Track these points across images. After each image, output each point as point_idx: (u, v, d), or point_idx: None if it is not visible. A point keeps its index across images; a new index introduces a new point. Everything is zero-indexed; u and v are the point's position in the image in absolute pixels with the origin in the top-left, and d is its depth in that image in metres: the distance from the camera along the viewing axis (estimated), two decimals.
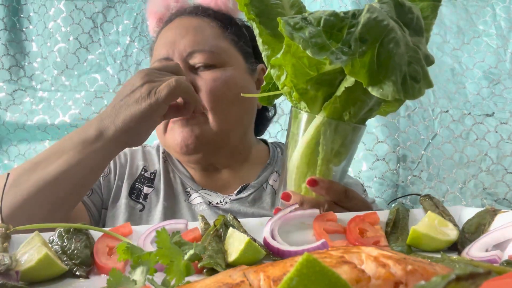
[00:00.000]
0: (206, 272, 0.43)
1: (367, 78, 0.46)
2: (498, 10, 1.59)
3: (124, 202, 0.81)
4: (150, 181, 0.84)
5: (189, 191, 0.83)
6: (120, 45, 1.63)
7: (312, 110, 0.56)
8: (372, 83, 0.46)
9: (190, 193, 0.83)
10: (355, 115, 0.55)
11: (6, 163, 1.59)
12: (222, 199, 0.82)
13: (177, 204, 0.82)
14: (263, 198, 0.83)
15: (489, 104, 1.49)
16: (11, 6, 1.64)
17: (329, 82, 0.54)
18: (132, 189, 0.83)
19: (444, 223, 0.50)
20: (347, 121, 0.55)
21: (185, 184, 0.84)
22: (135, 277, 0.36)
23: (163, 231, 0.37)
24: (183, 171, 0.86)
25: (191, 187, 0.84)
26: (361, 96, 0.53)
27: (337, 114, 0.55)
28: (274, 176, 0.86)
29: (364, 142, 1.41)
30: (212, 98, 0.75)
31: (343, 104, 0.54)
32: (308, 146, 0.56)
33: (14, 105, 1.60)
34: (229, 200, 0.82)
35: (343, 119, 0.55)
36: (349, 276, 0.26)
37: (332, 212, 0.53)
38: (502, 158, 1.42)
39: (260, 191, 0.84)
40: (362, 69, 0.46)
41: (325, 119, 0.55)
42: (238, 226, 0.51)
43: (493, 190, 1.40)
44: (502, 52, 1.55)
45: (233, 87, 0.77)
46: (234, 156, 0.85)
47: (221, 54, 0.78)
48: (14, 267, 0.40)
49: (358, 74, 0.46)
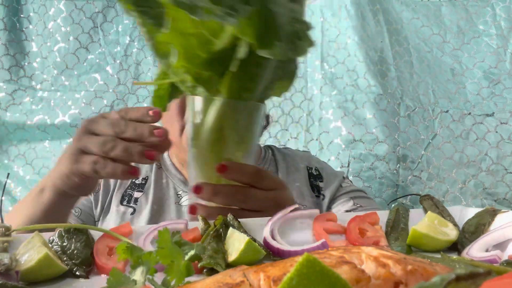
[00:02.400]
0: (206, 272, 0.43)
1: (257, 40, 0.46)
2: (498, 10, 1.59)
3: (116, 210, 0.85)
4: (141, 186, 0.89)
5: (181, 193, 0.88)
6: (120, 45, 1.63)
7: (210, 92, 0.54)
8: (262, 46, 0.46)
9: (181, 195, 0.87)
10: (253, 92, 0.54)
11: (6, 163, 1.59)
12: None
13: (167, 206, 0.86)
14: None
15: (489, 104, 1.49)
16: (11, 6, 1.64)
17: (222, 61, 0.52)
18: (123, 197, 0.87)
19: (444, 223, 0.50)
20: (246, 99, 0.54)
21: (177, 188, 0.89)
22: (135, 277, 0.36)
23: (165, 231, 0.36)
24: (177, 175, 0.90)
25: (182, 190, 0.88)
26: (255, 69, 0.52)
27: (235, 93, 0.53)
28: None
29: (364, 142, 1.41)
30: None
31: (239, 81, 0.52)
32: (211, 132, 0.54)
33: (14, 105, 1.60)
34: None
35: (243, 99, 0.53)
36: (349, 276, 0.26)
37: (332, 212, 0.53)
38: (502, 158, 1.42)
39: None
40: (250, 28, 0.45)
41: (224, 100, 0.53)
42: (238, 226, 0.51)
43: (493, 190, 1.40)
44: (502, 52, 1.55)
45: None
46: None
47: None
48: (14, 267, 0.40)
49: (248, 35, 0.46)
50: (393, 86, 1.51)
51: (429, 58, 1.58)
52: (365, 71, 1.51)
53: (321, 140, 1.53)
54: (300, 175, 0.90)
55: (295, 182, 0.88)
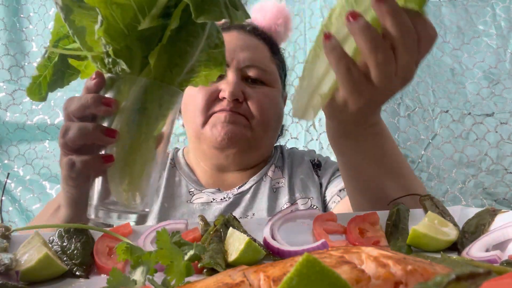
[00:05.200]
0: (206, 272, 0.43)
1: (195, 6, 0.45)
2: (498, 10, 1.59)
3: None
4: None
5: (193, 191, 0.89)
6: None
7: (133, 71, 0.49)
8: (200, 13, 0.45)
9: (194, 193, 0.89)
10: (181, 68, 0.51)
11: (6, 163, 1.59)
12: (226, 195, 0.88)
13: (178, 204, 0.87)
14: (262, 188, 0.90)
15: (489, 104, 1.49)
16: (11, 6, 1.64)
17: (148, 39, 0.48)
18: None
19: (444, 223, 0.50)
20: (171, 81, 0.50)
21: (189, 186, 0.90)
22: (135, 277, 0.36)
23: (164, 231, 0.37)
24: (190, 174, 0.93)
25: (195, 187, 0.90)
26: (184, 46, 0.50)
27: (160, 74, 0.49)
28: (272, 167, 0.94)
29: None
30: (259, 109, 0.85)
31: (168, 57, 0.49)
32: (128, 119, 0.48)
33: (14, 105, 1.60)
34: (232, 195, 0.88)
35: (167, 81, 0.50)
36: (349, 276, 0.26)
37: (332, 212, 0.53)
38: (502, 158, 1.42)
39: (260, 183, 0.91)
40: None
41: (147, 80, 0.48)
42: (238, 226, 0.51)
43: (493, 190, 1.40)
44: (502, 52, 1.55)
45: (275, 105, 0.90)
46: (257, 159, 0.93)
47: (271, 74, 0.90)
48: (14, 267, 0.40)
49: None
50: None
51: (429, 58, 1.58)
52: None
53: (321, 140, 1.53)
54: (305, 167, 0.94)
55: (300, 174, 0.92)
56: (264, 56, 0.90)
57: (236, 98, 0.82)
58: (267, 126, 0.88)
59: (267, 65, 0.90)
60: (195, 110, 0.85)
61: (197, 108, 0.84)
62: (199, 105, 0.84)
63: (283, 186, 0.90)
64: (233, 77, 0.83)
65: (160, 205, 0.86)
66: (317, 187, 0.90)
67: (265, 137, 0.89)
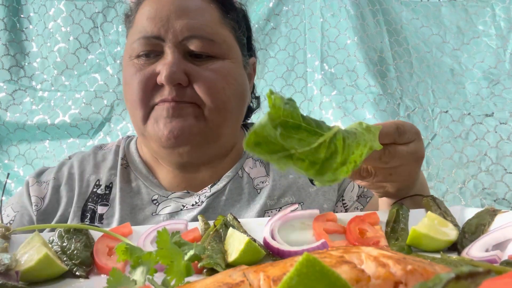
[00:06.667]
0: (206, 272, 0.43)
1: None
2: (497, 11, 1.59)
3: None
4: (105, 197, 0.72)
5: (157, 199, 0.73)
6: (120, 45, 1.63)
7: None
8: None
9: (159, 201, 0.72)
10: None
11: (6, 163, 1.59)
12: (197, 199, 0.72)
13: (142, 220, 0.71)
14: (240, 188, 0.75)
15: (489, 104, 1.49)
16: (11, 6, 1.64)
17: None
18: (84, 213, 0.71)
19: (444, 223, 0.50)
20: None
21: (151, 193, 0.73)
22: (135, 277, 0.36)
23: (164, 231, 0.37)
24: (149, 177, 0.75)
25: (159, 194, 0.73)
26: None
27: None
28: (250, 162, 0.78)
29: None
30: (210, 91, 0.67)
31: None
32: None
33: (14, 105, 1.60)
34: (204, 198, 0.72)
35: None
36: (349, 276, 0.26)
37: (332, 212, 0.53)
38: (502, 158, 1.42)
39: (236, 180, 0.75)
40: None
41: None
42: (238, 226, 0.51)
43: (492, 190, 1.40)
44: (502, 53, 1.55)
45: (232, 82, 0.69)
46: (220, 151, 0.75)
47: (221, 44, 0.69)
48: (14, 267, 0.40)
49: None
50: (393, 86, 1.51)
51: (428, 59, 1.58)
52: (365, 72, 1.51)
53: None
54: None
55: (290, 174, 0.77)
56: (210, 20, 0.69)
57: (177, 83, 0.65)
58: (224, 110, 0.69)
59: (215, 32, 0.68)
60: (132, 101, 0.68)
61: (134, 100, 0.67)
62: (136, 95, 0.67)
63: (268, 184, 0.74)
64: (170, 55, 0.65)
65: (119, 224, 0.68)
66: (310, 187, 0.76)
67: (224, 124, 0.70)
